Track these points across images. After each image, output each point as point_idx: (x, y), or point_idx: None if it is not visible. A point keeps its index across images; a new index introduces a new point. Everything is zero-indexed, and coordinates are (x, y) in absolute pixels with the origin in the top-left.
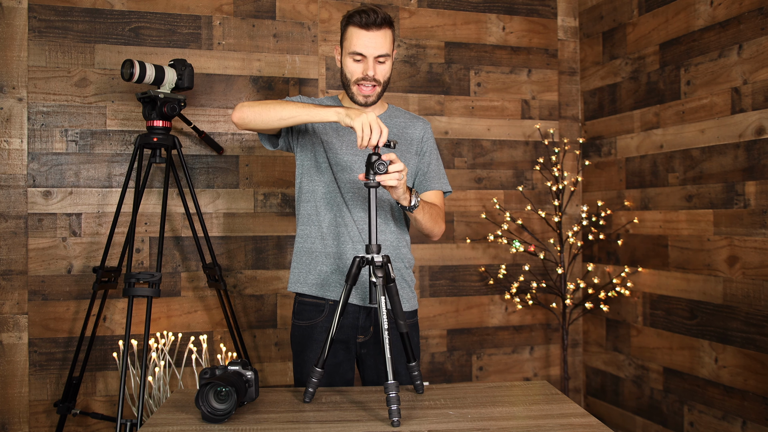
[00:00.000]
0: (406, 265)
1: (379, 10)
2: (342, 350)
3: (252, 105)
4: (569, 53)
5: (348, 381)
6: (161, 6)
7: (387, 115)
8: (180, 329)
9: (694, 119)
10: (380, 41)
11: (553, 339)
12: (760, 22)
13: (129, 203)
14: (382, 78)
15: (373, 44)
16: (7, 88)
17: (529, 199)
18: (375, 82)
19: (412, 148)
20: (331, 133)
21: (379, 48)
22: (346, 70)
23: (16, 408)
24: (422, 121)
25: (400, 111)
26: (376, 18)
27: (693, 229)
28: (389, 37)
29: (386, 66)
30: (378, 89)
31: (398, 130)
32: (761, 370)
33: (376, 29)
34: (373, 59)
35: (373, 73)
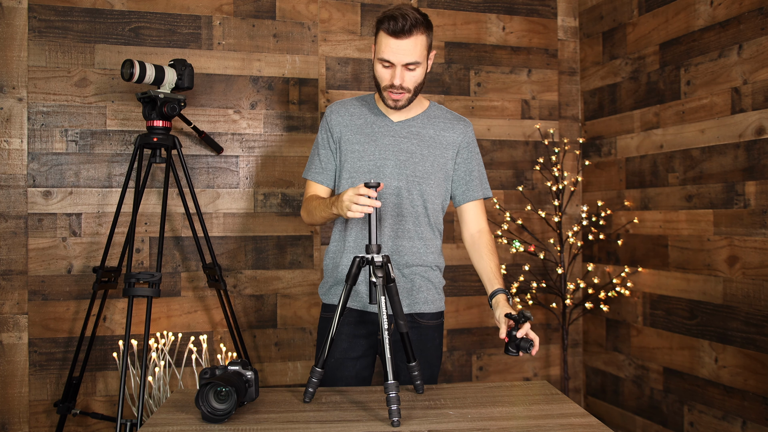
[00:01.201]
0: (433, 268)
1: (411, 14)
2: (363, 346)
3: (304, 212)
4: (569, 53)
5: (365, 378)
6: (161, 6)
7: (425, 115)
8: (180, 329)
9: (694, 119)
10: (409, 48)
11: (553, 339)
12: (760, 22)
13: (129, 203)
14: (411, 85)
15: (401, 51)
16: (7, 88)
17: (529, 199)
18: (403, 89)
19: (448, 152)
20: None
21: (407, 56)
22: (376, 74)
23: (16, 408)
24: (463, 123)
25: (441, 110)
26: (405, 24)
27: (693, 229)
28: (421, 42)
29: (417, 73)
30: (408, 95)
31: (434, 132)
32: (761, 370)
33: (405, 37)
34: (402, 66)
35: (401, 81)
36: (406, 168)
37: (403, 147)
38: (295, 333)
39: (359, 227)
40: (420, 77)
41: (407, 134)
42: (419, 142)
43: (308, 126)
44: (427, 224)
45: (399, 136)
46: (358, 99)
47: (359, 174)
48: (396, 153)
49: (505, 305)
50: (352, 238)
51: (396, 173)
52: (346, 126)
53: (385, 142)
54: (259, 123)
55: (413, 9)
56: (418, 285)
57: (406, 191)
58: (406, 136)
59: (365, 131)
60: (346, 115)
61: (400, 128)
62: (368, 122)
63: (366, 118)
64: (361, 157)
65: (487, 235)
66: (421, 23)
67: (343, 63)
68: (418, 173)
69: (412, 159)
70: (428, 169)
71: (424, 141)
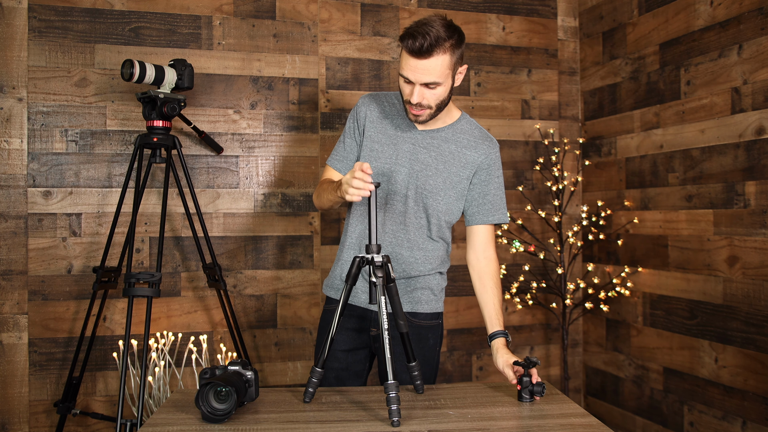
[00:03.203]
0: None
1: (434, 32)
2: (356, 339)
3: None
4: (569, 53)
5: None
6: (161, 6)
7: (451, 129)
8: (180, 329)
9: (694, 119)
10: (428, 69)
11: (553, 339)
12: (760, 22)
13: (129, 203)
14: (432, 103)
15: (420, 71)
16: (7, 88)
17: (529, 199)
18: (422, 107)
19: (465, 171)
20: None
21: (426, 76)
22: (400, 86)
23: (16, 408)
24: (488, 143)
25: (470, 125)
26: (423, 44)
27: (693, 229)
28: (443, 62)
29: (438, 91)
30: (429, 111)
31: (456, 148)
32: (761, 370)
33: (424, 57)
34: (421, 85)
35: (419, 99)
36: (417, 179)
37: (420, 157)
38: (295, 333)
39: (362, 225)
40: (443, 95)
41: (427, 145)
42: (437, 156)
43: (308, 126)
44: (428, 237)
45: (419, 146)
46: (394, 95)
47: (373, 173)
48: (411, 162)
49: (505, 352)
50: (355, 235)
51: (406, 182)
52: (372, 122)
53: (404, 148)
54: (259, 123)
55: (442, 22)
56: (413, 288)
57: (413, 201)
58: (425, 146)
59: (388, 132)
60: (375, 110)
61: (422, 138)
62: (394, 124)
63: (393, 120)
64: (377, 158)
65: (493, 264)
66: (444, 41)
67: (343, 63)
68: (428, 187)
69: (426, 171)
70: (439, 185)
71: (443, 156)
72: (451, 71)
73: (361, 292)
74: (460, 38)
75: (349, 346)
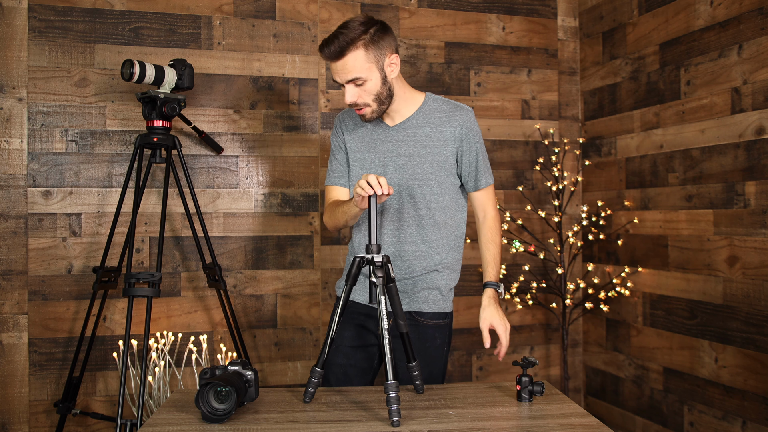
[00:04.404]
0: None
1: (345, 34)
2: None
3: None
4: (569, 53)
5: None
6: (161, 6)
7: (420, 113)
8: (180, 329)
9: (694, 119)
10: (346, 67)
11: (553, 339)
12: (760, 22)
13: (129, 203)
14: (367, 99)
15: (340, 71)
16: (7, 88)
17: (529, 199)
18: (358, 105)
19: (447, 148)
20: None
21: (346, 74)
22: None
23: (16, 408)
24: (460, 111)
25: (438, 103)
26: (332, 49)
27: (693, 229)
28: (359, 58)
29: (368, 86)
30: (371, 108)
31: (431, 130)
32: (761, 370)
33: (339, 59)
34: (348, 84)
35: (352, 98)
36: (405, 172)
37: (400, 151)
38: (295, 333)
39: (363, 226)
40: (375, 88)
41: (404, 137)
42: (416, 144)
43: (308, 126)
44: (432, 225)
45: (396, 141)
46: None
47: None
48: (394, 158)
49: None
50: (359, 237)
51: (396, 178)
52: (350, 134)
53: (383, 148)
54: (259, 123)
55: (358, 22)
56: (420, 288)
57: (408, 195)
58: (402, 139)
59: (366, 139)
60: (349, 123)
61: (396, 132)
62: (368, 129)
63: (367, 126)
64: (363, 165)
65: (491, 221)
66: (355, 39)
67: None
68: (418, 176)
69: (410, 162)
70: (427, 170)
71: (421, 141)
72: (373, 64)
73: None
74: (378, 32)
75: (356, 343)
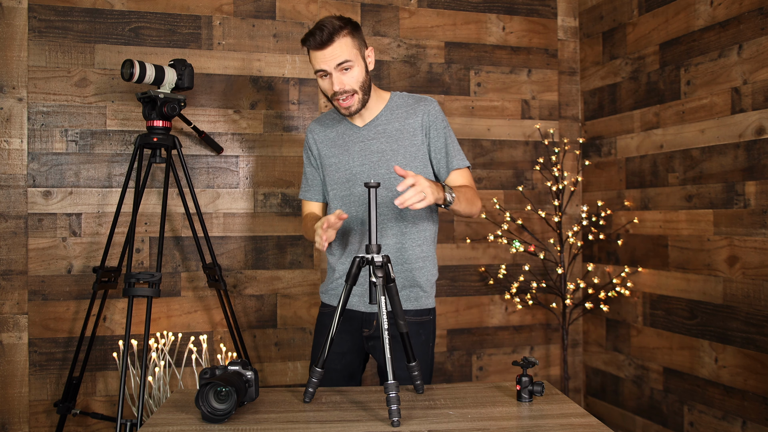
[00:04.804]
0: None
1: (329, 25)
2: (348, 342)
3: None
4: (569, 53)
5: (353, 373)
6: (161, 6)
7: (387, 109)
8: (180, 329)
9: (694, 119)
10: (336, 52)
11: (553, 339)
12: (760, 22)
13: (129, 203)
14: (354, 86)
15: (329, 57)
16: (7, 88)
17: (529, 199)
18: (346, 92)
19: (416, 138)
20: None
21: (336, 58)
22: (321, 88)
23: (16, 408)
24: (424, 102)
25: (403, 98)
26: (322, 36)
27: (693, 229)
28: (347, 44)
29: (353, 72)
30: (356, 96)
31: (399, 124)
32: (761, 370)
33: (328, 45)
34: (336, 70)
35: (340, 85)
36: (379, 168)
37: (373, 149)
38: (295, 333)
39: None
40: (360, 76)
41: (374, 135)
42: (387, 140)
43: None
44: (411, 217)
45: (367, 140)
46: (334, 110)
47: (338, 185)
48: (368, 156)
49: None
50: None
51: (372, 175)
52: (322, 141)
53: (355, 149)
54: (259, 123)
55: (334, 17)
56: (401, 286)
57: (384, 191)
58: (373, 137)
59: (338, 143)
60: (320, 131)
61: (366, 131)
62: (339, 133)
63: (337, 130)
64: (338, 169)
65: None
66: (341, 28)
67: None
68: (392, 170)
69: (384, 158)
70: (401, 162)
71: (392, 136)
72: (358, 52)
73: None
74: (354, 26)
75: (344, 349)
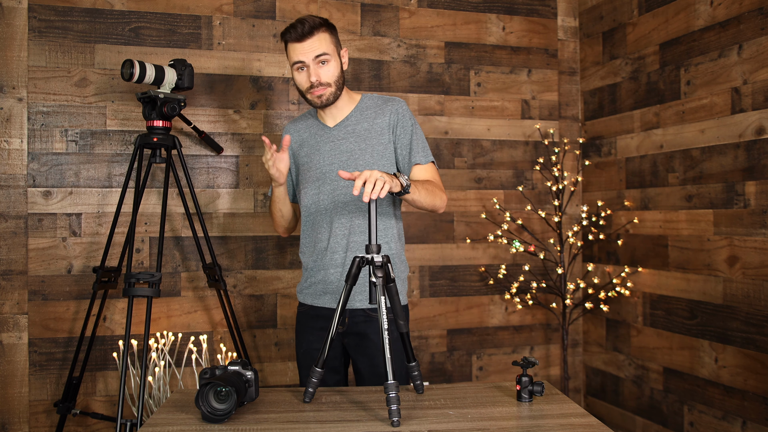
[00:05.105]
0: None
1: (309, 19)
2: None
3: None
4: (569, 53)
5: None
6: (161, 6)
7: (357, 110)
8: (180, 329)
9: (694, 119)
10: (315, 45)
11: (553, 339)
12: (760, 22)
13: (129, 203)
14: (329, 79)
15: (308, 49)
16: (7, 88)
17: (529, 199)
18: (322, 85)
19: (384, 137)
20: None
21: (315, 50)
22: (296, 82)
23: (16, 408)
24: (392, 102)
25: (372, 99)
26: (303, 28)
27: (693, 229)
28: (326, 38)
29: (330, 66)
30: (330, 89)
31: (368, 124)
32: (761, 370)
33: (308, 38)
34: (313, 63)
35: (317, 78)
36: (349, 167)
37: (342, 148)
38: (295, 333)
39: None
40: (336, 71)
41: (344, 134)
42: (356, 139)
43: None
44: (380, 215)
45: (337, 139)
46: (309, 112)
47: (310, 183)
48: (338, 156)
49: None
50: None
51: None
52: (296, 141)
53: (326, 148)
54: (259, 123)
55: (312, 16)
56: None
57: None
58: (343, 137)
59: (310, 143)
60: (295, 132)
61: (337, 131)
62: (312, 134)
63: (310, 130)
64: (310, 168)
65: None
66: (320, 24)
67: None
68: (360, 168)
69: (353, 157)
70: (368, 161)
71: (360, 136)
72: (335, 48)
73: (323, 293)
74: (332, 26)
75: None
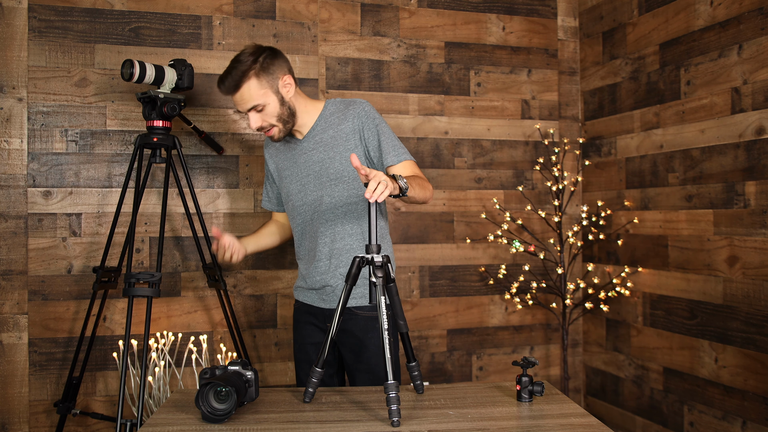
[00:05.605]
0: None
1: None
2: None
3: None
4: (569, 53)
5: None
6: (161, 6)
7: (321, 119)
8: (180, 329)
9: (694, 119)
10: (244, 98)
11: (553, 339)
12: (760, 22)
13: (129, 203)
14: (269, 120)
15: (238, 103)
16: (7, 88)
17: (529, 199)
18: (264, 128)
19: (350, 142)
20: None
21: (245, 103)
22: None
23: (16, 408)
24: (354, 105)
25: (336, 105)
26: (229, 85)
27: (693, 229)
28: (254, 86)
29: (267, 110)
30: (276, 128)
31: (333, 132)
32: (761, 370)
33: (236, 92)
34: (250, 112)
35: (257, 123)
36: (321, 176)
37: (314, 159)
38: None
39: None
40: (275, 110)
41: (314, 145)
42: (324, 148)
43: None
44: (356, 219)
45: (308, 151)
46: None
47: (293, 195)
48: (311, 166)
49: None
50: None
51: (317, 185)
52: (274, 156)
53: (300, 161)
54: None
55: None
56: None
57: (328, 197)
58: (313, 147)
59: (287, 156)
60: (272, 147)
61: (307, 143)
62: (288, 147)
63: (287, 144)
64: (291, 181)
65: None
66: (246, 72)
67: (343, 63)
68: (332, 176)
69: (323, 165)
70: (338, 168)
71: (328, 144)
72: (268, 89)
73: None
74: (267, 59)
75: (314, 340)
